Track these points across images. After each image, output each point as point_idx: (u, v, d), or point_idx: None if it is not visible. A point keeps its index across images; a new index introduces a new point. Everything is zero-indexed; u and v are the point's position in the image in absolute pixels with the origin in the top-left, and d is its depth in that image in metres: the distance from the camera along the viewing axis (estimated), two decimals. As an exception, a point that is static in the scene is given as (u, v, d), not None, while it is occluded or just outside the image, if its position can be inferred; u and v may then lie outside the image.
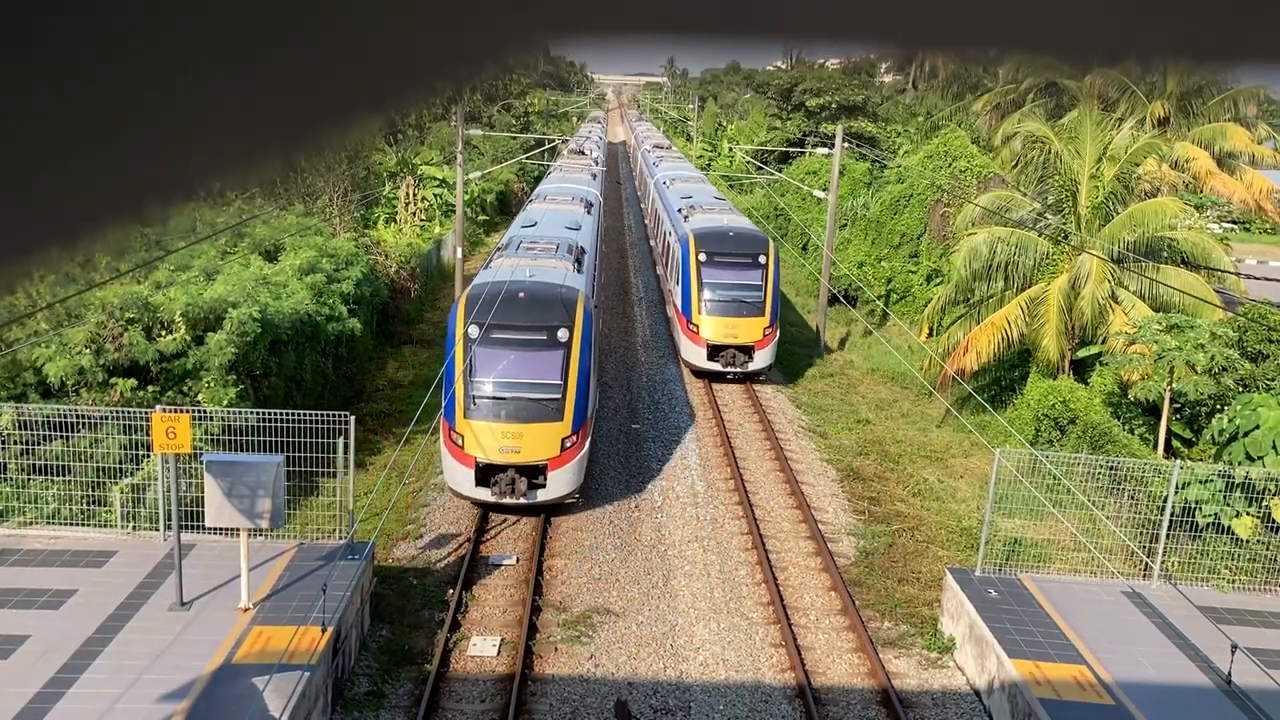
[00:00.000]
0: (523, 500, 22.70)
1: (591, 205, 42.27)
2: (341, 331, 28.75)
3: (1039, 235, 31.30)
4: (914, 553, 23.06)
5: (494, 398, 22.95)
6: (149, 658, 14.80)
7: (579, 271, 28.54)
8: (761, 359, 34.33)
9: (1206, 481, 19.66)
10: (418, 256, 43.85)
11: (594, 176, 54.36)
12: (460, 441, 22.77)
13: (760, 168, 69.05)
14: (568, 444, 22.92)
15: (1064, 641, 17.07)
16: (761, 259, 34.90)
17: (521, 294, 24.53)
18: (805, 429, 31.10)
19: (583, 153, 67.97)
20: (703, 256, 34.84)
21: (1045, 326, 29.35)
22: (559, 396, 23.11)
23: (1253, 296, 32.53)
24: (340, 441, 18.44)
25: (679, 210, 41.85)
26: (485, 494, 22.75)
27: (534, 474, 22.85)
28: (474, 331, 23.39)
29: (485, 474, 22.72)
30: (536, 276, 26.10)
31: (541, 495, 22.95)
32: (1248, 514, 19.61)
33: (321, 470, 19.42)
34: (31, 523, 18.77)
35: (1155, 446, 24.65)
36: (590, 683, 17.51)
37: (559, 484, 23.03)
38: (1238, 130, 46.34)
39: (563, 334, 23.63)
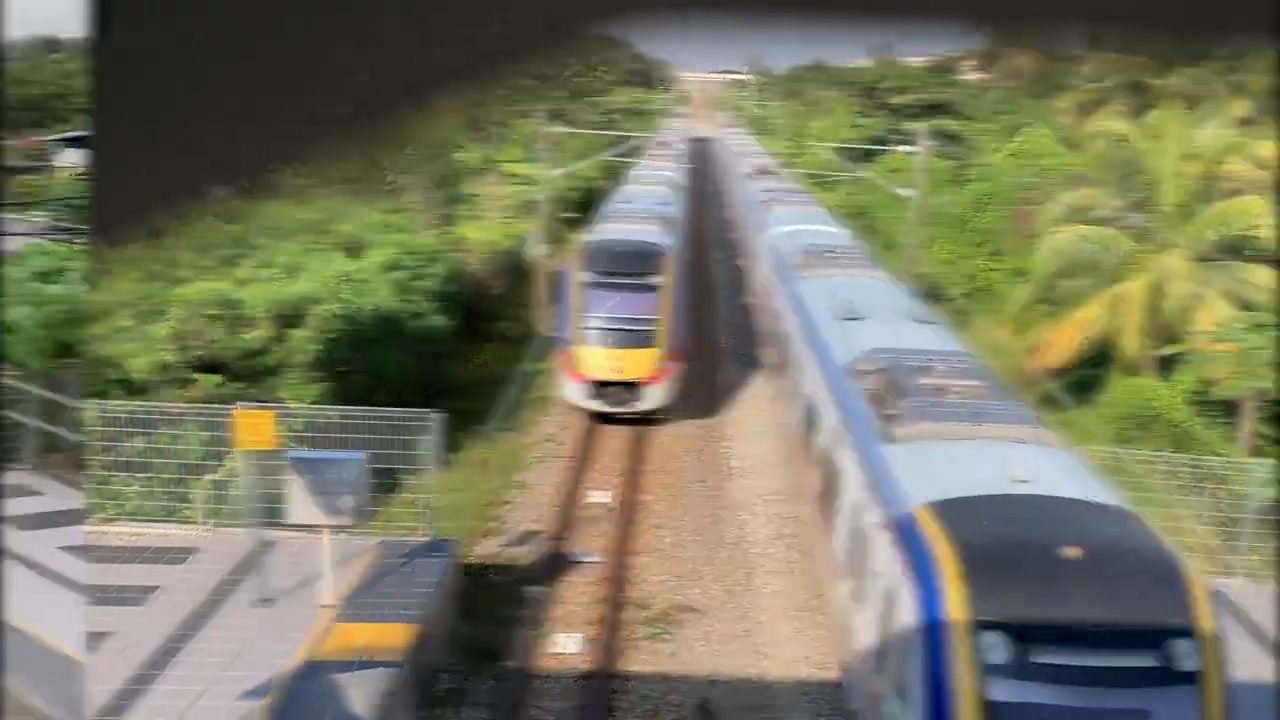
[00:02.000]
0: (623, 409, 28.25)
1: (676, 187, 49.66)
2: (424, 328, 28.82)
3: (1122, 233, 30.85)
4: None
5: (603, 329, 28.44)
6: (231, 655, 14.79)
7: (669, 234, 33.88)
8: None
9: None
10: (501, 254, 43.88)
11: (678, 165, 63.09)
12: (576, 363, 28.24)
13: (844, 166, 68.57)
14: (660, 366, 28.33)
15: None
16: (1190, 664, 10.79)
17: (624, 248, 30.36)
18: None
19: (668, 145, 72.22)
20: (993, 651, 10.78)
21: (1128, 324, 28.99)
22: (654, 329, 28.54)
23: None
24: (426, 438, 18.40)
25: (863, 397, 17.36)
26: (595, 404, 28.38)
27: (633, 389, 28.20)
28: (587, 277, 28.95)
29: (594, 388, 28.13)
30: (636, 236, 31.97)
31: (639, 406, 28.35)
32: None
33: (404, 467, 19.38)
34: (114, 519, 18.90)
35: (1240, 445, 24.16)
36: (672, 680, 17.28)
37: (652, 397, 28.41)
38: (1327, 127, 45.01)
39: (656, 280, 29.02)
